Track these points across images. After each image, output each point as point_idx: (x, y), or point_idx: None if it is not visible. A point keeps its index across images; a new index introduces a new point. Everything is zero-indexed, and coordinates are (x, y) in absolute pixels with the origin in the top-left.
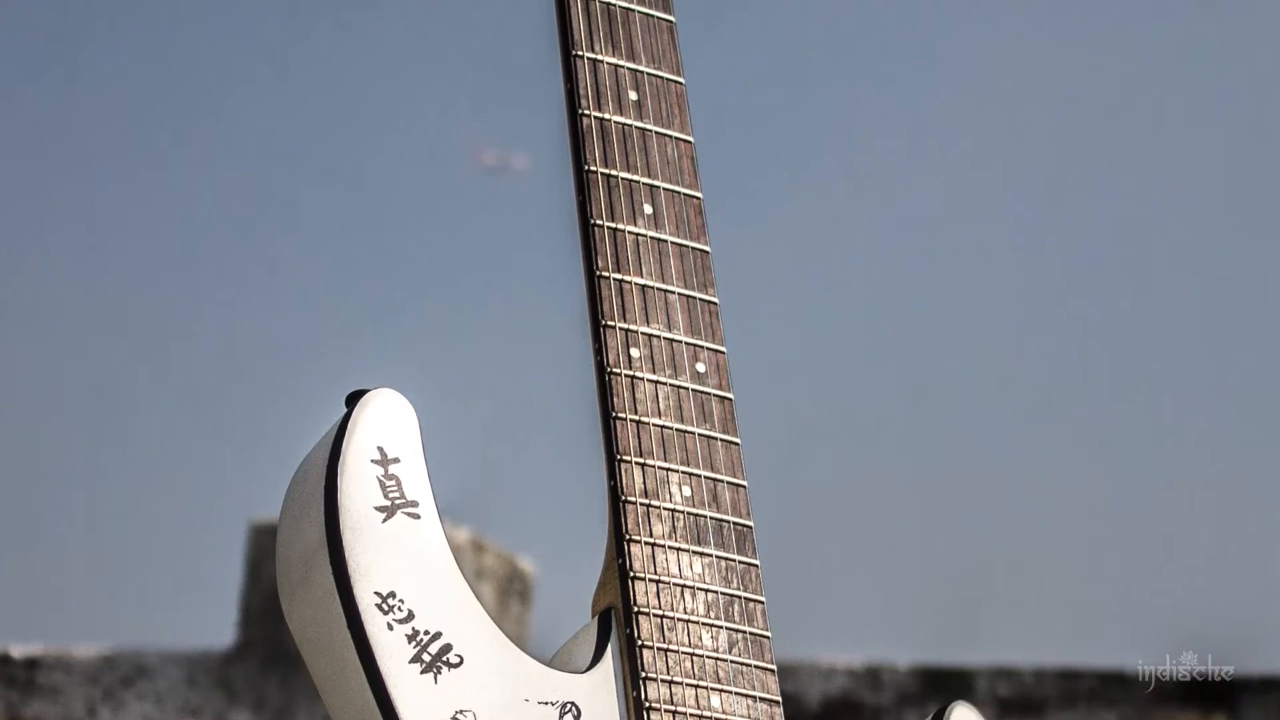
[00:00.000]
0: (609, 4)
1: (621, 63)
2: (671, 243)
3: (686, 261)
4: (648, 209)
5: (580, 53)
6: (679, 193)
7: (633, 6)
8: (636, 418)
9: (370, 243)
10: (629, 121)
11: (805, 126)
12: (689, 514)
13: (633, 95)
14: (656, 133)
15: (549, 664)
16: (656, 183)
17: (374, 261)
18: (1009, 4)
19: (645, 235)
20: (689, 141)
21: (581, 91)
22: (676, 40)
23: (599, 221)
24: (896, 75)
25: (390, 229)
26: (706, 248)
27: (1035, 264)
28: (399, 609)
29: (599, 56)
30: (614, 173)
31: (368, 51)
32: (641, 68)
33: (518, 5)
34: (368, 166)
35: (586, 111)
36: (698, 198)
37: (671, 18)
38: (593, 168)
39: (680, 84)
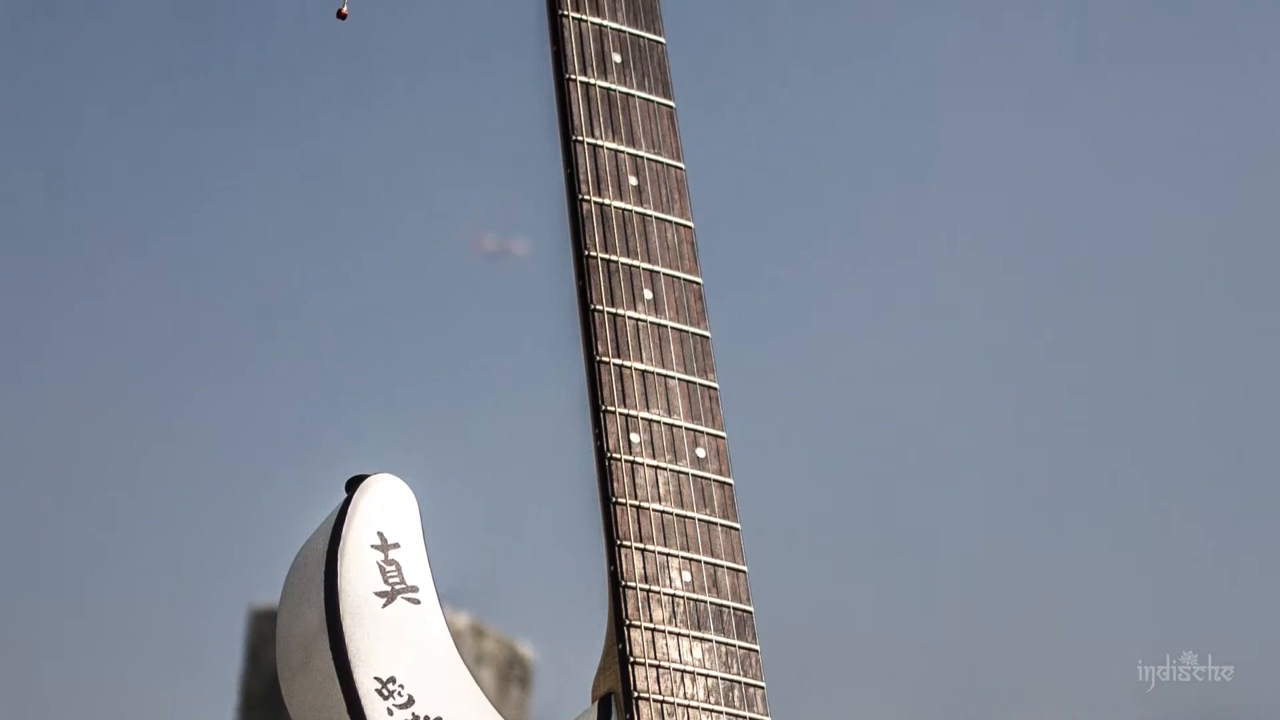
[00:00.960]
0: (609, 89)
1: (621, 148)
2: (672, 328)
3: (687, 346)
4: (648, 294)
5: (580, 138)
6: (679, 278)
7: (633, 92)
8: (636, 503)
9: (370, 327)
10: (629, 206)
11: (806, 213)
12: (689, 599)
13: (633, 180)
14: (657, 218)
15: None
16: (657, 268)
17: (373, 345)
18: (1017, 100)
19: (645, 320)
20: (689, 227)
21: (581, 176)
22: (677, 125)
23: (599, 306)
24: (900, 167)
25: (390, 313)
26: (707, 333)
27: (1036, 355)
28: (399, 694)
29: (599, 141)
30: (614, 258)
31: (366, 135)
32: (642, 153)
33: (517, 90)
34: (367, 250)
35: (586, 196)
36: (698, 283)
37: (672, 103)
38: (593, 253)
39: (680, 169)
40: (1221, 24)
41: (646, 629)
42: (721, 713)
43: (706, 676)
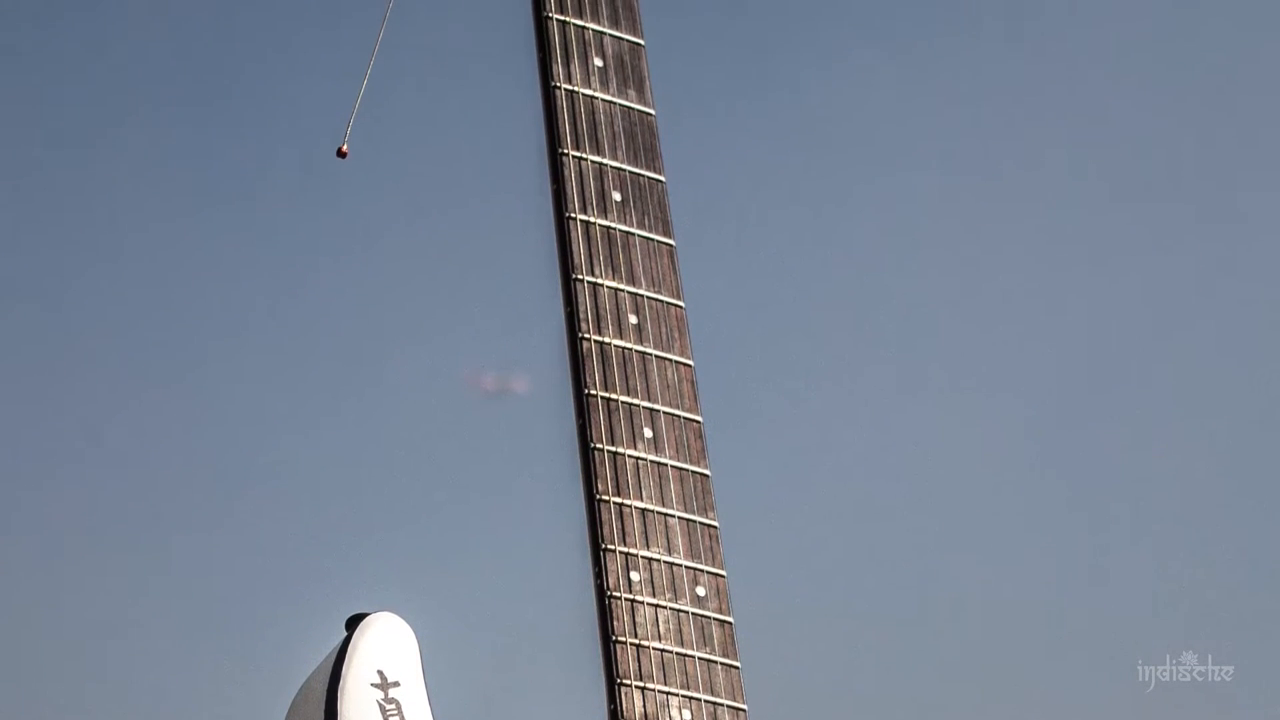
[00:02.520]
0: (609, 227)
1: (622, 286)
2: (672, 466)
3: (687, 485)
4: (648, 432)
5: (580, 276)
6: (679, 416)
7: (633, 230)
8: (636, 641)
9: (369, 463)
10: (629, 345)
11: (806, 351)
12: None
13: (633, 318)
14: (657, 356)
15: None
16: (657, 406)
17: (374, 484)
18: (1015, 240)
19: (645, 459)
20: (689, 365)
21: (582, 314)
22: (677, 263)
23: (599, 445)
24: (898, 306)
25: (390, 452)
26: (707, 471)
27: (1028, 483)
28: None
29: (599, 280)
30: (614, 396)
31: (365, 272)
32: (642, 291)
33: (517, 228)
34: (368, 387)
35: (587, 335)
36: (698, 421)
37: (671, 241)
38: (593, 391)
39: (680, 307)
40: (1222, 171)
41: None
42: None
43: None
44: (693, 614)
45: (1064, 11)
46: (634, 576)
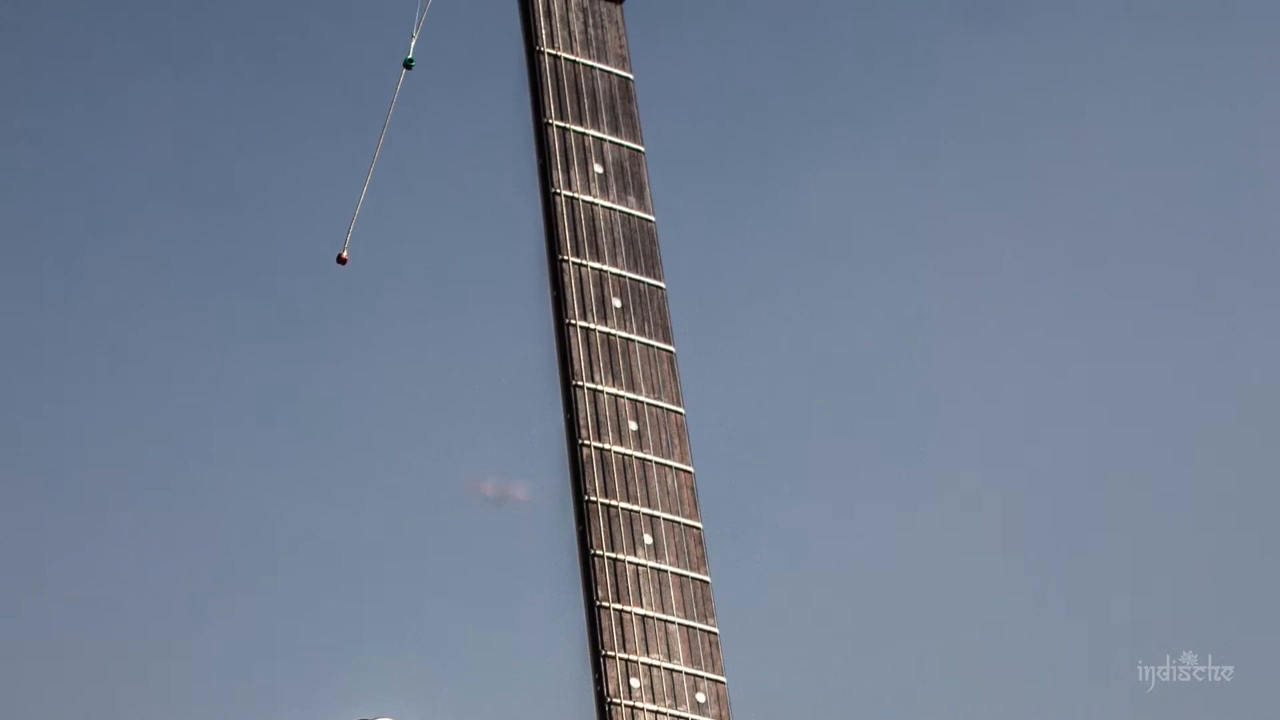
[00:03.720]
0: (609, 334)
1: (622, 393)
2: (671, 573)
3: (686, 591)
4: (648, 539)
5: (580, 382)
6: (679, 523)
7: (633, 337)
8: None
9: (369, 570)
10: (629, 451)
11: (806, 456)
12: None
13: (633, 425)
14: (657, 463)
15: None
16: (656, 513)
17: (375, 589)
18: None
19: (645, 565)
20: (689, 471)
21: (582, 421)
22: (677, 370)
23: (599, 551)
24: (897, 412)
25: (390, 557)
26: (707, 578)
27: (1025, 595)
28: None
29: (599, 386)
30: (614, 503)
31: (365, 379)
32: (642, 398)
33: (517, 334)
34: (369, 492)
35: (587, 441)
36: (698, 528)
37: (671, 348)
38: (593, 498)
39: (680, 414)
40: (1220, 278)
41: None
42: None
43: None
44: None
45: (1064, 118)
46: (634, 683)
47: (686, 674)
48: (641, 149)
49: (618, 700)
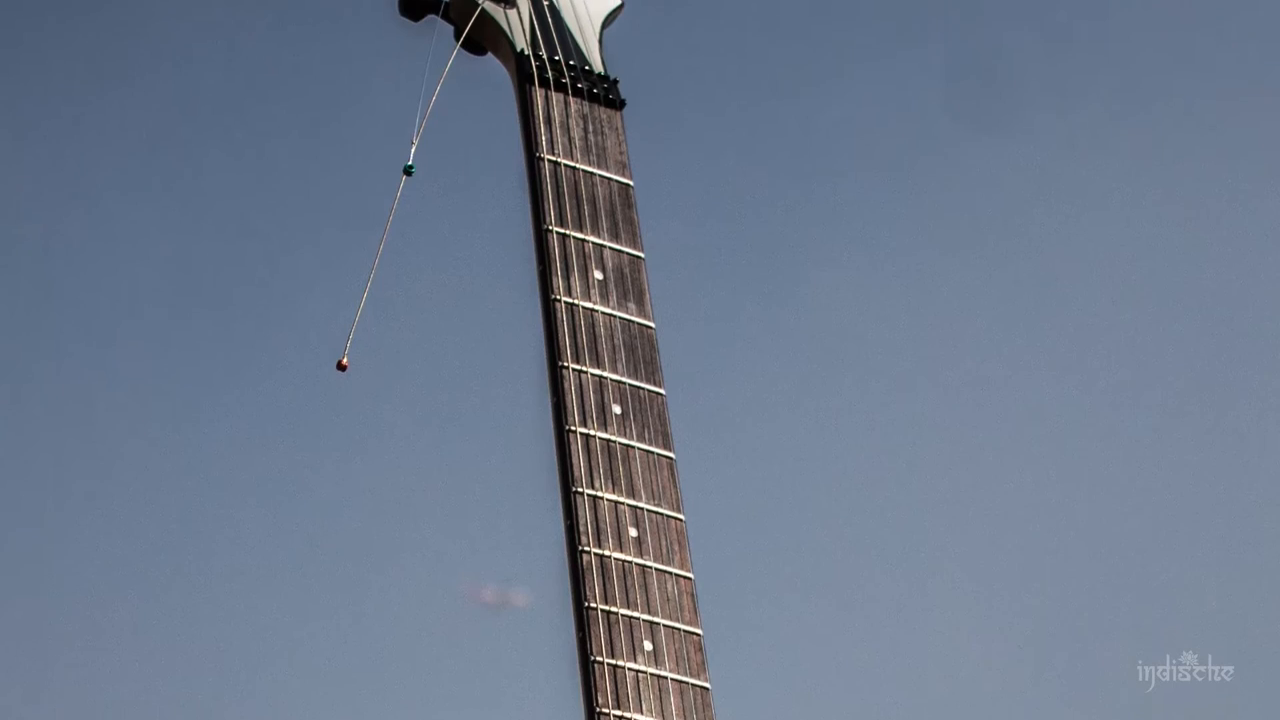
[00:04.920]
0: (609, 441)
1: (622, 499)
2: (672, 679)
3: (687, 698)
4: (648, 645)
5: (580, 489)
6: (679, 630)
7: (633, 444)
8: None
9: (369, 679)
10: (629, 558)
11: (806, 563)
12: None
13: (633, 532)
14: (657, 569)
15: None
16: (656, 619)
17: (374, 698)
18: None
19: (645, 672)
20: (689, 578)
21: (581, 528)
22: (677, 476)
23: (599, 658)
24: (899, 518)
25: (389, 666)
26: (707, 684)
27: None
28: None
29: (599, 493)
30: (614, 609)
31: (365, 486)
32: (642, 504)
33: (518, 441)
34: (370, 597)
35: (586, 548)
36: (698, 634)
37: (671, 454)
38: (593, 604)
39: (680, 520)
40: (1222, 388)
41: None
42: None
43: None
44: None
45: (1062, 230)
46: None
47: None
48: (642, 255)
49: None
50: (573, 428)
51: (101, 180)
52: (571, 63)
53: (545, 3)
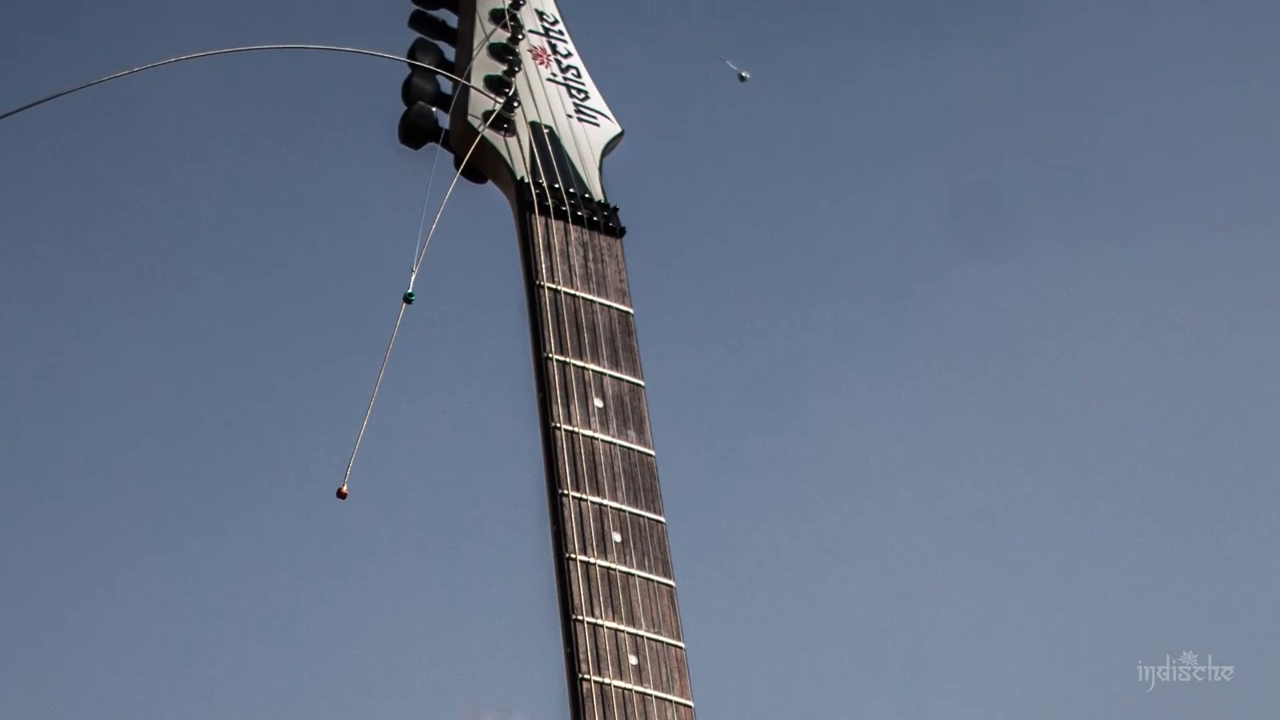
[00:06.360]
0: (609, 568)
1: (622, 627)
2: None
3: None
4: None
5: (580, 616)
6: None
7: (633, 571)
8: None
9: None
10: (629, 686)
11: (807, 690)
12: None
13: (633, 659)
14: (657, 697)
15: None
16: None
17: None
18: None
19: None
20: (689, 706)
21: (581, 655)
22: (677, 604)
23: None
24: (897, 641)
25: None
26: None
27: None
28: None
29: (599, 621)
30: None
31: (363, 611)
32: (642, 632)
33: (517, 569)
34: None
35: (586, 676)
36: None
37: (671, 582)
38: None
39: (680, 648)
40: (1221, 511)
41: None
42: None
43: None
44: None
45: (1063, 357)
46: None
47: None
48: (642, 383)
49: None
50: (573, 555)
51: (101, 307)
52: (571, 190)
53: (545, 130)
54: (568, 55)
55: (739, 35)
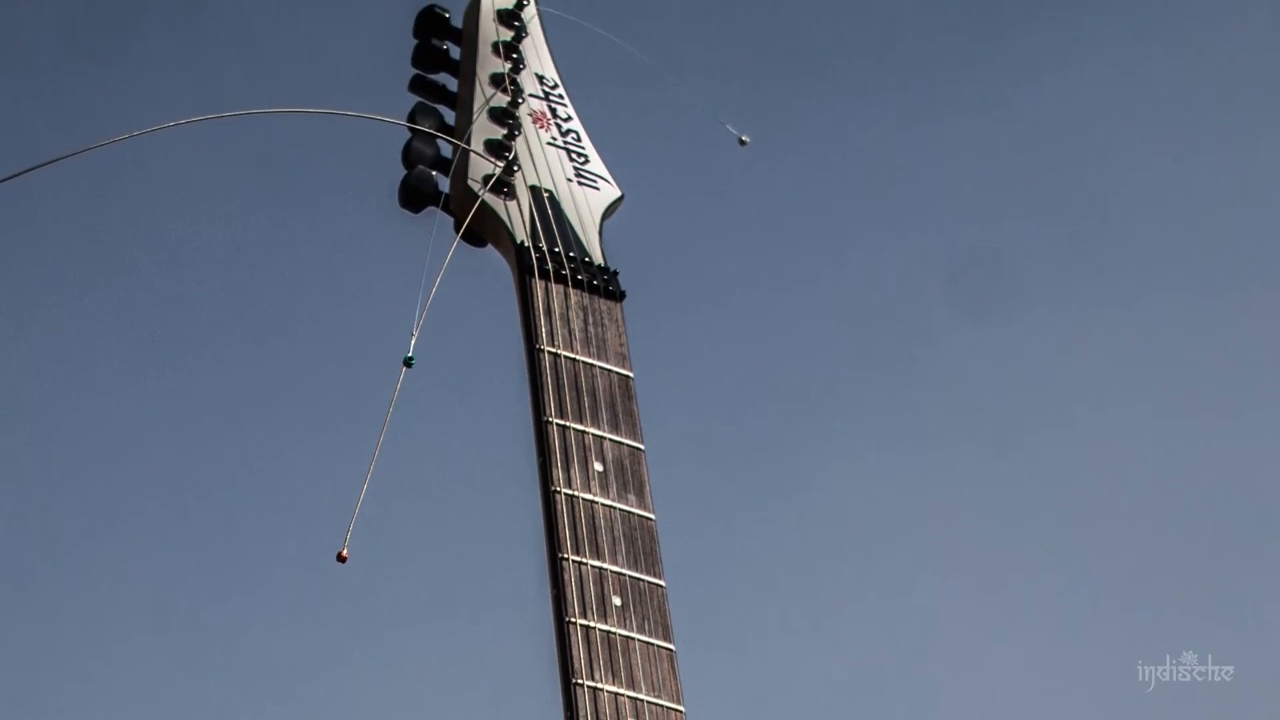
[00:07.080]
0: (609, 632)
1: (622, 691)
2: None
3: None
4: None
5: (580, 681)
6: None
7: (633, 635)
8: None
9: None
10: None
11: None
12: None
13: None
14: None
15: None
16: None
17: None
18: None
19: None
20: None
21: (582, 719)
22: (677, 668)
23: None
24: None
25: None
26: None
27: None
28: None
29: (599, 685)
30: None
31: (364, 676)
32: (642, 696)
33: (517, 633)
34: None
35: None
36: None
37: (672, 646)
38: None
39: (680, 712)
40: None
41: None
42: None
43: None
44: None
45: (1062, 422)
46: None
47: None
48: (641, 447)
49: None
50: (573, 619)
51: (99, 374)
52: (571, 254)
53: (546, 194)
54: (568, 119)
55: (739, 99)
